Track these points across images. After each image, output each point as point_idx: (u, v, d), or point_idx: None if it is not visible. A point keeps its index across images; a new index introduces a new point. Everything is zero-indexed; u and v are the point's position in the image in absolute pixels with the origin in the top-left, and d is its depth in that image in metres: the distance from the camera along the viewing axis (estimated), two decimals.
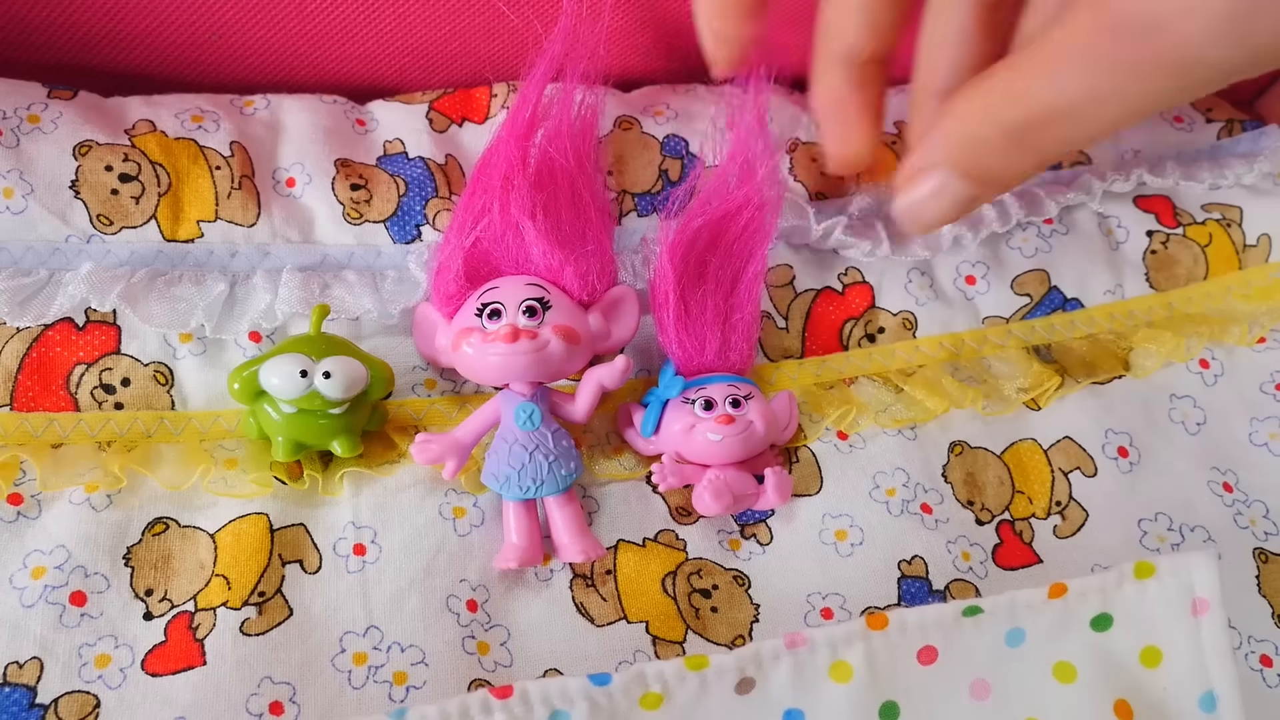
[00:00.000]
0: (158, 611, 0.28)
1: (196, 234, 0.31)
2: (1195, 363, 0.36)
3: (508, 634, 0.29)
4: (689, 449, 0.31)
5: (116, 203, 0.31)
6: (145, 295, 0.30)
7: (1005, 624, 0.26)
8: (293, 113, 0.34)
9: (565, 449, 0.30)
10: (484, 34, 0.36)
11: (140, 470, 0.29)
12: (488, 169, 0.31)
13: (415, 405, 0.32)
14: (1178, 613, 0.27)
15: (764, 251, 0.33)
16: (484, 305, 0.29)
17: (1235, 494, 0.34)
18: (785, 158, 0.36)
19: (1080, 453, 0.34)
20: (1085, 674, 0.27)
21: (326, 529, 0.29)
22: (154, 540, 0.29)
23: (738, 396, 0.31)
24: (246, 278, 0.31)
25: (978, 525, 0.32)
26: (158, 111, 0.33)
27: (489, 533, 0.30)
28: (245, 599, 0.28)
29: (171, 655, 0.27)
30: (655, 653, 0.29)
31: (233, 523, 0.29)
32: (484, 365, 0.29)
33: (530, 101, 0.32)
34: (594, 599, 0.30)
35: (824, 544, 0.31)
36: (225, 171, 0.32)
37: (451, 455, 0.29)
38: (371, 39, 0.36)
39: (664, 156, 0.35)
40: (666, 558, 0.31)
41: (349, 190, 0.33)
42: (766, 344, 0.35)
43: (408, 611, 0.28)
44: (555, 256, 0.30)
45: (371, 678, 0.27)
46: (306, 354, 0.28)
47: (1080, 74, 0.22)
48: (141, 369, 0.30)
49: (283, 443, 0.29)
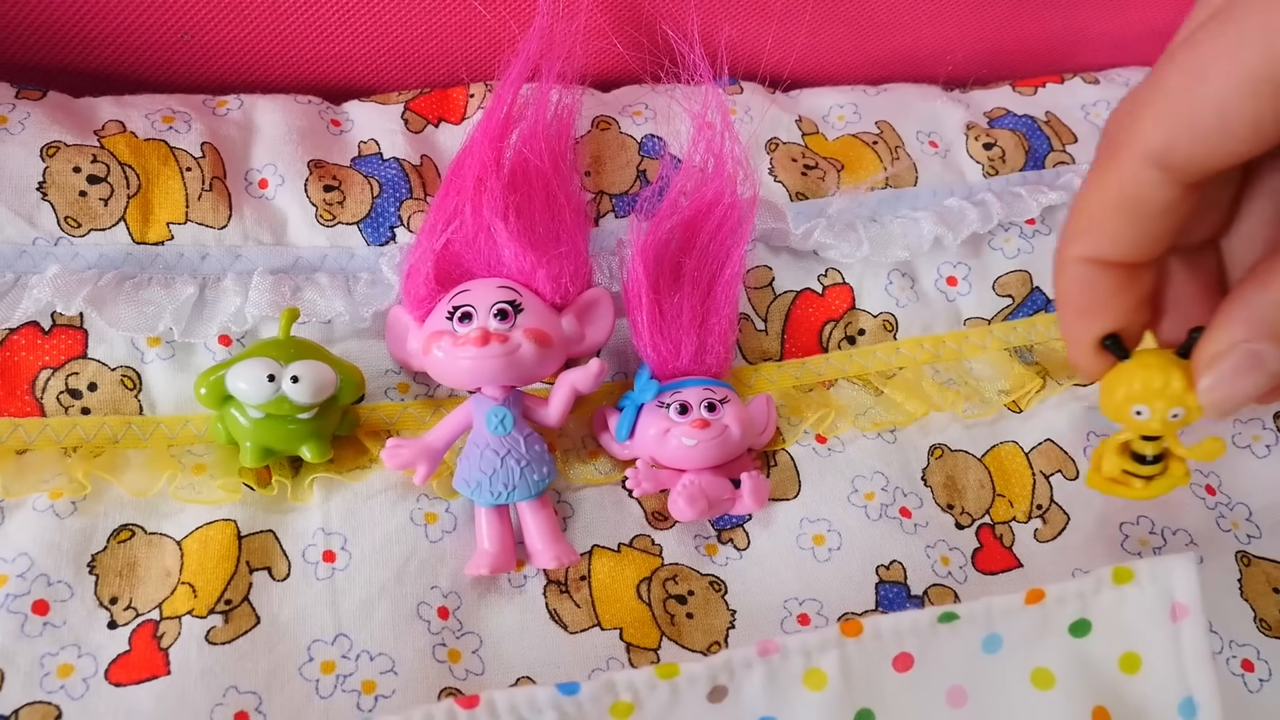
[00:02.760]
0: (122, 620, 0.27)
1: (166, 236, 0.31)
2: None
3: (480, 641, 0.29)
4: (664, 454, 0.30)
5: (85, 204, 0.31)
6: (113, 298, 0.30)
7: (982, 630, 0.26)
8: (266, 113, 0.34)
9: (538, 454, 0.29)
10: (460, 34, 0.36)
11: (105, 477, 0.28)
12: (461, 170, 0.31)
13: (388, 409, 0.31)
14: (1157, 618, 0.26)
15: (740, 253, 0.32)
16: (455, 308, 0.29)
17: (1218, 497, 0.34)
18: (765, 158, 0.36)
19: (1062, 455, 0.34)
20: (1063, 680, 0.26)
21: (296, 535, 0.29)
22: (119, 547, 0.28)
23: (713, 400, 0.31)
24: (217, 280, 0.31)
25: (957, 529, 0.32)
26: (128, 112, 0.33)
27: (461, 539, 0.30)
28: (211, 607, 0.27)
29: (135, 665, 0.27)
30: (629, 660, 0.29)
31: (200, 529, 0.28)
32: (455, 369, 0.29)
33: (505, 102, 0.32)
34: (568, 605, 0.29)
35: (801, 549, 0.31)
36: (196, 173, 0.32)
37: (422, 460, 0.29)
38: (347, 38, 0.35)
39: (642, 157, 0.35)
40: (642, 563, 0.30)
41: (322, 192, 0.32)
42: (745, 346, 0.34)
43: (377, 619, 0.28)
44: (527, 258, 0.30)
45: (340, 687, 0.27)
46: (274, 358, 0.28)
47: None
48: (109, 373, 0.30)
49: (251, 448, 0.28)
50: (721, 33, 0.37)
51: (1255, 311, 0.24)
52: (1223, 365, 0.24)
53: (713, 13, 0.37)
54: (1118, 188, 0.24)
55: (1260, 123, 0.22)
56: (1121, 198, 0.24)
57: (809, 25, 0.37)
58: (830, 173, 0.36)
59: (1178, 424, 0.26)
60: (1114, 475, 0.28)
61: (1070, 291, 0.26)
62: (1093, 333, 0.26)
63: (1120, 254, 0.25)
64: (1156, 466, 0.27)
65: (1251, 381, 0.24)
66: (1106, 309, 0.26)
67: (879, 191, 0.36)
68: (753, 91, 0.37)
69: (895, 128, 0.38)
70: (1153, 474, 0.27)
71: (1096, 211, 0.25)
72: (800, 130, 0.37)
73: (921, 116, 0.38)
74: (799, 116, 0.37)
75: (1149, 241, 0.25)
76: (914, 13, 0.39)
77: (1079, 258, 0.25)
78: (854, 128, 0.38)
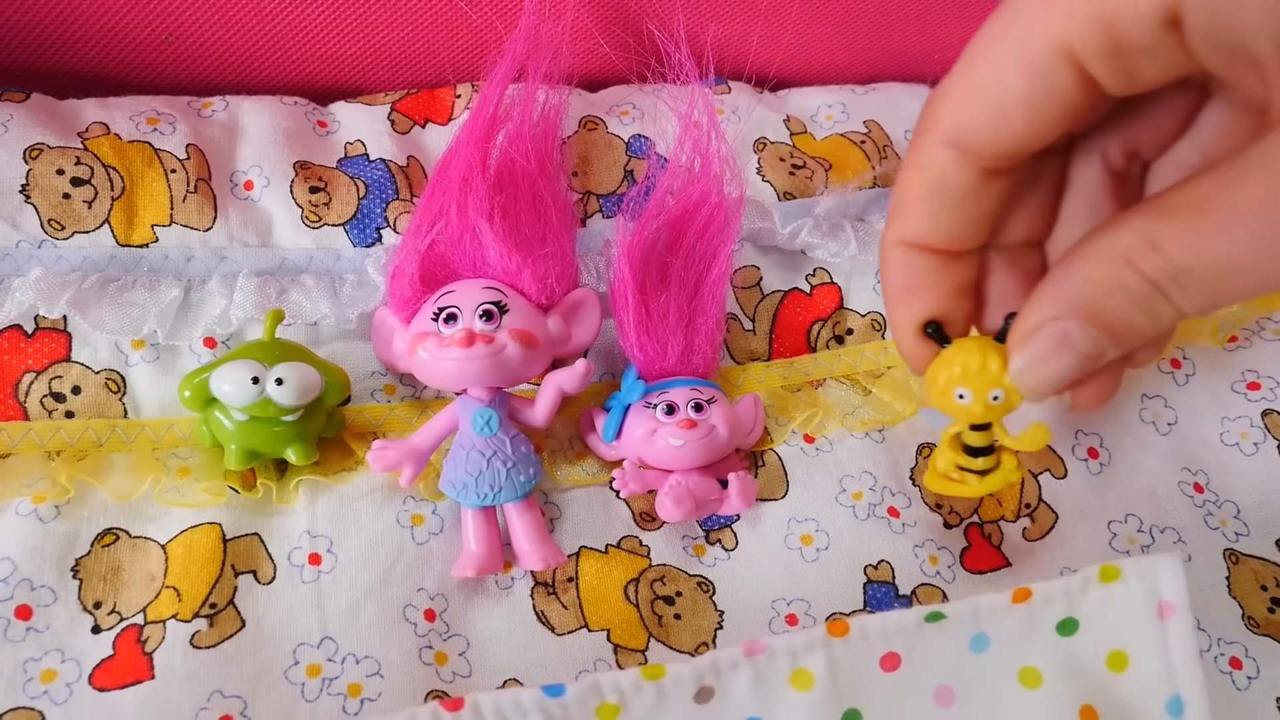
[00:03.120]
0: (106, 625, 0.27)
1: (151, 238, 0.31)
2: (1166, 362, 0.36)
3: (467, 644, 0.29)
4: (651, 454, 0.30)
5: (68, 207, 0.30)
6: (96, 301, 0.30)
7: (969, 629, 0.26)
8: (252, 114, 0.34)
9: (524, 455, 0.29)
10: (447, 34, 0.35)
11: (89, 480, 0.28)
12: (447, 171, 0.31)
13: (374, 411, 0.31)
14: (1144, 616, 0.26)
15: (727, 253, 0.32)
16: (440, 309, 0.29)
17: (1206, 494, 0.34)
18: (753, 158, 0.36)
19: (1050, 454, 0.34)
20: (1051, 679, 0.26)
21: (281, 538, 0.29)
22: (103, 552, 0.28)
23: (700, 400, 0.30)
24: (202, 283, 0.31)
25: (946, 528, 0.32)
26: (112, 114, 0.32)
27: (448, 540, 0.30)
28: (196, 611, 0.27)
29: (119, 670, 0.26)
30: (617, 661, 0.29)
31: (184, 533, 0.28)
32: (440, 370, 0.29)
33: (491, 102, 0.32)
34: (555, 607, 0.29)
35: (789, 549, 0.31)
36: (181, 174, 0.31)
37: (408, 462, 0.29)
38: (333, 39, 0.35)
39: (629, 157, 0.35)
40: (629, 564, 0.30)
41: (308, 193, 0.32)
42: (733, 346, 0.34)
43: (363, 622, 0.28)
44: (513, 259, 0.30)
45: (325, 690, 0.27)
46: (259, 360, 0.28)
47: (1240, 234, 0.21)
48: (93, 376, 0.30)
49: (235, 451, 0.28)
50: (708, 32, 0.36)
51: (1063, 290, 0.24)
52: (1032, 343, 0.24)
53: (699, 12, 0.36)
54: (920, 169, 0.25)
55: (1035, 102, 0.23)
56: (924, 179, 0.25)
57: (796, 25, 0.37)
58: (818, 172, 0.36)
59: (1000, 408, 0.26)
60: (949, 471, 0.28)
61: (890, 276, 0.27)
62: (913, 317, 0.27)
63: (931, 238, 0.26)
64: (989, 459, 0.28)
65: (1062, 360, 0.24)
66: (924, 294, 0.26)
67: (867, 191, 0.36)
68: (740, 91, 0.37)
69: (884, 127, 0.38)
70: (985, 468, 0.28)
71: (906, 194, 0.26)
72: (788, 130, 0.37)
73: (910, 116, 0.38)
74: (787, 116, 0.37)
75: (957, 226, 0.25)
76: (902, 12, 0.39)
77: (896, 241, 0.26)
78: (842, 127, 0.38)
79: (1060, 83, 0.22)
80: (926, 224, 0.26)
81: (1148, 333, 0.24)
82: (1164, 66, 0.22)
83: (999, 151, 0.24)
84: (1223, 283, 0.22)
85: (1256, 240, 0.21)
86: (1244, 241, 0.21)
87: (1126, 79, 0.22)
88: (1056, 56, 0.22)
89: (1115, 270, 0.23)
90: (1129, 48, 0.21)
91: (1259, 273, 0.22)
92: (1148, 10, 0.21)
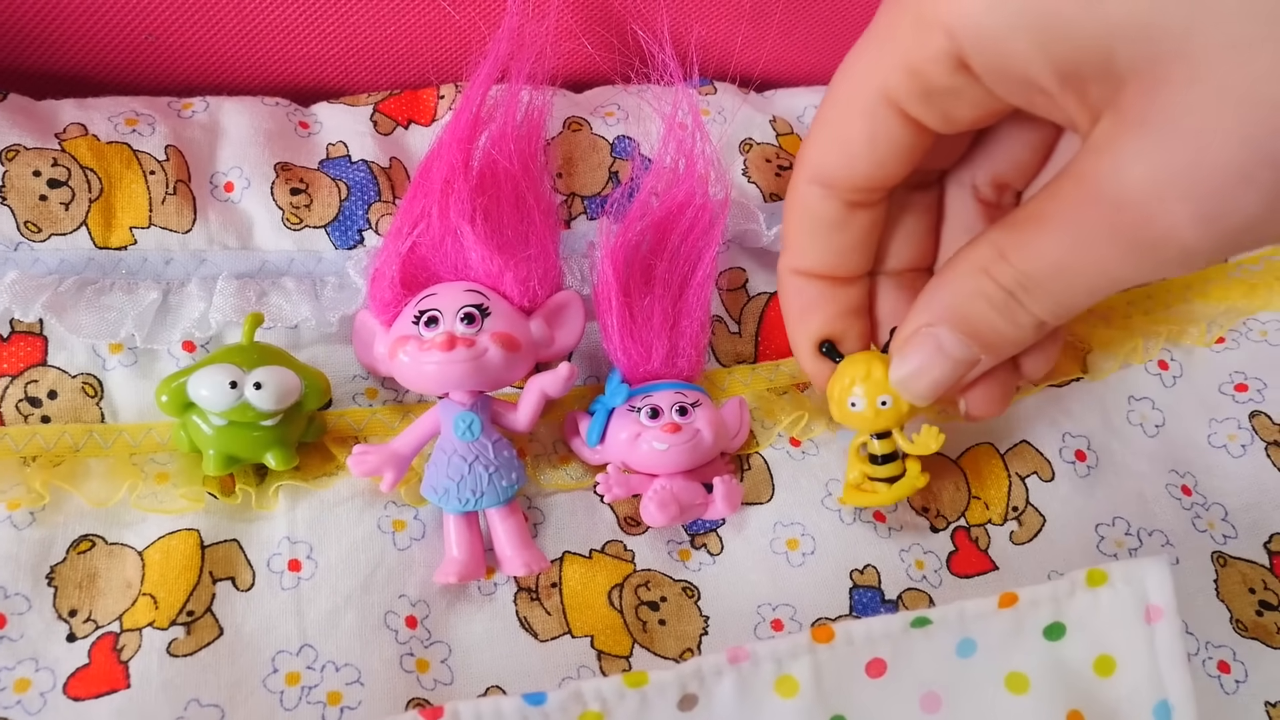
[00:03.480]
0: (81, 633, 0.27)
1: (129, 241, 0.30)
2: (1154, 364, 0.36)
3: (449, 651, 0.28)
4: (635, 458, 0.30)
5: (45, 209, 0.30)
6: (73, 304, 0.29)
7: (955, 634, 0.26)
8: (233, 115, 0.33)
9: (506, 459, 0.29)
10: (430, 34, 0.35)
11: (64, 486, 0.28)
12: (429, 172, 0.31)
13: (356, 415, 0.31)
14: (1131, 620, 0.26)
15: (712, 254, 0.32)
16: (421, 312, 0.29)
17: (1194, 497, 0.34)
18: (739, 158, 0.35)
19: (1037, 457, 0.34)
20: (1038, 684, 0.26)
21: (260, 544, 0.29)
22: (79, 558, 0.28)
23: (685, 404, 0.30)
24: (181, 285, 0.31)
25: (933, 532, 0.32)
26: (90, 115, 0.32)
27: (430, 546, 0.29)
28: (173, 619, 0.27)
29: (94, 678, 0.26)
30: (600, 668, 0.28)
31: (162, 539, 0.28)
32: (421, 374, 0.28)
33: (474, 103, 0.31)
34: (538, 613, 0.29)
35: (775, 553, 0.31)
36: (160, 176, 0.31)
37: (389, 467, 0.29)
38: (314, 39, 0.35)
39: (614, 158, 0.35)
40: (614, 569, 0.30)
41: (289, 195, 0.32)
42: (719, 349, 0.34)
43: (344, 629, 0.28)
44: (494, 261, 0.29)
45: (304, 698, 0.27)
46: (237, 364, 0.27)
47: (1062, 239, 0.24)
48: (69, 381, 0.29)
49: (214, 456, 0.28)
50: (692, 33, 0.36)
51: (934, 299, 0.27)
52: (908, 349, 0.27)
53: (684, 13, 0.36)
54: (794, 205, 0.28)
55: (874, 143, 0.26)
56: (797, 212, 0.28)
57: (781, 25, 0.37)
58: None
59: (891, 413, 0.28)
60: (859, 483, 0.30)
61: (786, 300, 0.30)
62: (808, 337, 0.29)
63: (814, 265, 0.29)
64: (894, 467, 0.29)
65: (936, 363, 0.27)
66: (817, 316, 0.29)
67: None
68: (726, 92, 0.37)
69: None
70: (891, 475, 0.29)
71: (788, 225, 0.29)
72: (774, 130, 0.37)
73: None
74: (773, 117, 0.37)
75: (833, 254, 0.28)
76: None
77: (787, 269, 0.29)
78: None
79: (889, 125, 0.25)
80: (808, 253, 0.29)
81: (1011, 336, 0.26)
82: (974, 105, 0.24)
83: (854, 186, 0.27)
84: (1058, 283, 0.25)
85: (1075, 243, 0.24)
86: (1067, 245, 0.24)
87: (944, 119, 0.25)
88: (882, 102, 0.25)
89: (975, 279, 0.26)
90: (935, 91, 0.24)
91: (1084, 272, 0.24)
92: (941, 57, 0.23)
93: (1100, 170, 0.23)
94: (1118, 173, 0.22)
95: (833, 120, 0.27)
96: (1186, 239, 0.22)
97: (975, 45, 0.23)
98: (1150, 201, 0.22)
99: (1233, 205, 0.21)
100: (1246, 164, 0.21)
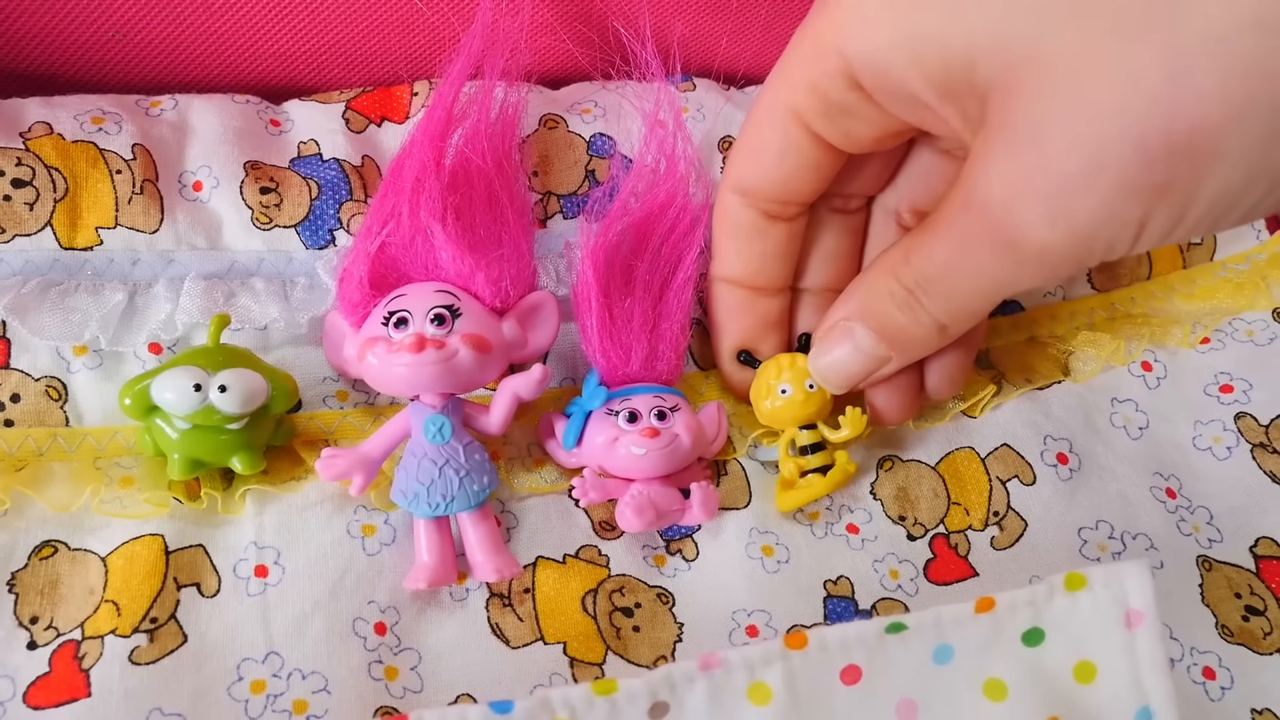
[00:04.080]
0: (43, 640, 0.26)
1: (95, 241, 0.30)
2: (1137, 365, 0.35)
3: (419, 658, 0.28)
4: (612, 462, 0.30)
5: (9, 209, 0.29)
6: (36, 306, 0.29)
7: (932, 641, 0.25)
8: (201, 113, 0.33)
9: (478, 463, 0.28)
10: (402, 30, 0.35)
11: (25, 491, 0.27)
12: (400, 171, 0.30)
13: (326, 418, 0.30)
14: (1111, 626, 0.26)
15: (694, 256, 0.32)
16: (390, 313, 0.28)
17: (1178, 500, 0.33)
18: (719, 157, 0.35)
19: (1019, 460, 0.33)
20: (1016, 691, 0.26)
21: (227, 550, 0.28)
22: (41, 564, 0.27)
23: (663, 408, 0.30)
24: (148, 287, 0.30)
25: (909, 541, 0.31)
26: (56, 113, 0.31)
27: (400, 551, 0.29)
28: (136, 626, 0.26)
29: (54, 687, 0.25)
30: (573, 675, 0.28)
31: (126, 545, 0.27)
32: (390, 376, 0.28)
33: (447, 100, 0.31)
34: (510, 619, 0.29)
35: (751, 558, 0.30)
36: (126, 175, 0.31)
37: (358, 470, 0.28)
38: (284, 36, 0.34)
39: (590, 156, 0.34)
40: (587, 575, 0.30)
41: (258, 194, 0.31)
42: (698, 352, 0.34)
43: (311, 636, 0.27)
44: (465, 261, 0.29)
45: (270, 707, 0.26)
46: (202, 366, 0.27)
47: (943, 242, 0.26)
48: (32, 384, 0.29)
49: (179, 460, 0.27)
50: (673, 29, 0.36)
51: (853, 296, 0.29)
52: (826, 339, 0.29)
53: (664, 8, 0.36)
54: (719, 213, 0.30)
55: (784, 156, 0.27)
56: (720, 219, 0.30)
57: (763, 20, 0.36)
58: None
59: (818, 396, 0.30)
60: (793, 478, 0.31)
61: (711, 307, 0.32)
62: (730, 344, 0.32)
63: (735, 273, 0.31)
64: (824, 456, 0.31)
65: (848, 353, 0.29)
66: (738, 323, 0.31)
67: None
68: (706, 88, 0.36)
69: None
70: (823, 464, 0.30)
71: (714, 232, 0.31)
72: None
73: None
74: None
75: (753, 262, 0.30)
76: None
77: (714, 276, 0.31)
78: None
79: (798, 141, 0.27)
80: (731, 261, 0.30)
81: (914, 334, 0.28)
82: (871, 123, 0.26)
83: (768, 197, 0.29)
84: (947, 284, 0.26)
85: (957, 247, 0.25)
86: (951, 249, 0.26)
87: (846, 137, 0.27)
88: (791, 118, 0.27)
89: (884, 279, 0.28)
90: (834, 108, 0.26)
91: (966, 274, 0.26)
92: (836, 75, 0.25)
93: (974, 177, 0.24)
94: (984, 179, 0.24)
95: (750, 133, 0.28)
96: (1038, 240, 0.23)
97: (862, 63, 0.25)
98: (1008, 203, 0.23)
99: (1075, 205, 0.22)
100: (1085, 168, 0.22)
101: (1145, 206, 0.22)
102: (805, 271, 0.32)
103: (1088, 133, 0.22)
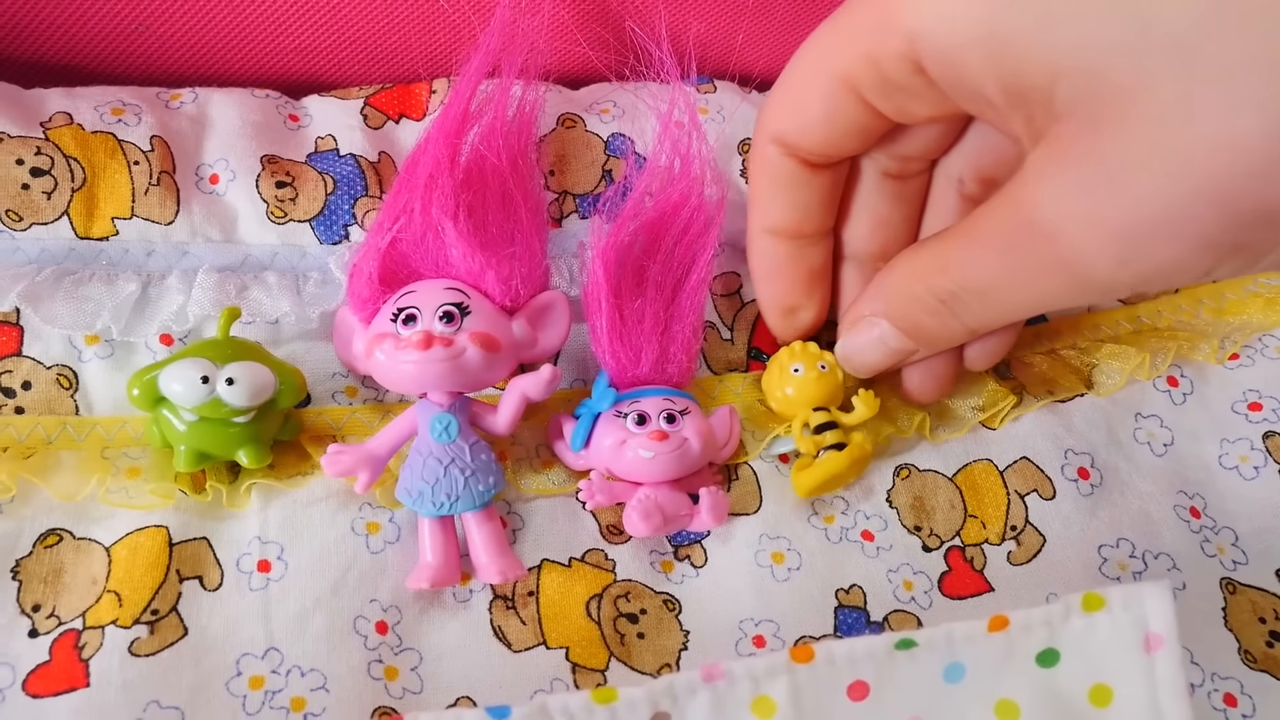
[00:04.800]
0: (44, 629, 0.26)
1: (111, 231, 0.30)
2: (1163, 380, 0.34)
3: (419, 658, 0.27)
4: (620, 465, 0.29)
5: (27, 198, 0.30)
6: (50, 294, 0.29)
7: (943, 658, 0.25)
8: (221, 107, 0.33)
9: (484, 463, 0.28)
10: (422, 28, 0.35)
11: (32, 479, 0.27)
12: (414, 167, 0.30)
13: (335, 414, 0.30)
14: (1129, 649, 0.25)
15: (707, 258, 0.31)
16: (399, 310, 0.28)
17: (1203, 519, 0.32)
18: (737, 159, 0.34)
19: (1038, 474, 0.32)
20: (1029, 713, 0.25)
21: (230, 543, 0.28)
22: (45, 553, 0.27)
23: (673, 411, 0.29)
24: (161, 278, 0.30)
25: (924, 552, 0.31)
26: (77, 104, 0.32)
27: (405, 550, 0.29)
28: (136, 617, 0.26)
29: (54, 676, 0.25)
30: (574, 681, 0.27)
31: (130, 535, 0.27)
32: (397, 374, 0.28)
33: (463, 98, 0.30)
34: (513, 622, 0.28)
35: (760, 566, 0.30)
36: (144, 166, 0.31)
37: (364, 468, 0.28)
38: (306, 31, 0.34)
39: (607, 156, 0.34)
40: (593, 579, 0.29)
41: (274, 188, 0.31)
42: (710, 356, 0.33)
43: (311, 633, 0.27)
44: (476, 259, 0.28)
45: (267, 703, 0.26)
46: (210, 359, 0.27)
47: (993, 259, 0.25)
48: (44, 372, 0.29)
49: (185, 452, 0.27)
50: (691, 30, 0.35)
51: (880, 293, 0.29)
52: (853, 331, 0.30)
53: (681, 9, 0.35)
54: (758, 164, 0.29)
55: (829, 119, 0.27)
56: (760, 170, 0.30)
57: (782, 21, 0.36)
58: None
59: (830, 377, 0.30)
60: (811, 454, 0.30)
61: (754, 260, 0.31)
62: (776, 297, 0.31)
63: (779, 222, 0.30)
64: (837, 434, 0.30)
65: (875, 348, 0.29)
66: (784, 275, 0.31)
67: None
68: (726, 90, 0.36)
69: None
70: (838, 440, 0.30)
71: (754, 185, 0.30)
72: None
73: None
74: None
75: (797, 210, 0.29)
76: None
77: (757, 229, 0.31)
78: None
79: (846, 106, 0.26)
80: (773, 209, 0.30)
81: (944, 337, 0.28)
82: (929, 104, 0.25)
83: (810, 151, 0.28)
84: (989, 299, 0.26)
85: (1005, 265, 0.25)
86: (998, 266, 0.25)
87: (900, 111, 0.26)
88: (842, 84, 0.26)
89: (913, 285, 0.27)
90: (892, 86, 0.25)
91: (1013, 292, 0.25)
92: (899, 57, 0.24)
93: (1034, 196, 0.24)
94: (1048, 205, 0.23)
95: (792, 90, 0.28)
96: (1105, 275, 0.23)
97: (931, 53, 0.24)
98: (1077, 237, 0.23)
99: (1149, 251, 0.22)
100: (1167, 217, 0.22)
101: (1218, 258, 0.22)
102: (856, 239, 0.31)
103: (1175, 184, 0.21)
